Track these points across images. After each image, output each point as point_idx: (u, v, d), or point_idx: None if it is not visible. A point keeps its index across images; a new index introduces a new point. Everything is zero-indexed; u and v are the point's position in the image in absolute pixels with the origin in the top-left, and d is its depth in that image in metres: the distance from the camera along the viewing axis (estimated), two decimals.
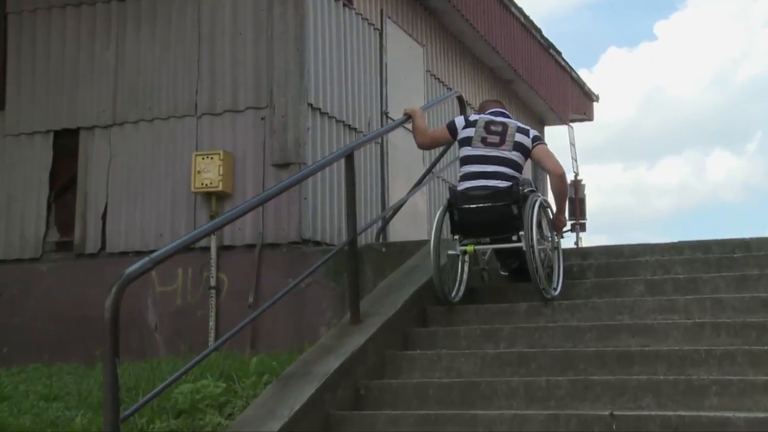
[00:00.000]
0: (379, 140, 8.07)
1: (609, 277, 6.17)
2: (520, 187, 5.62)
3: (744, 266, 6.01)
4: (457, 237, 5.70)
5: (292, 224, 6.80)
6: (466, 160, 5.77)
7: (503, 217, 5.56)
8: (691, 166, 71.72)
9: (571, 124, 14.99)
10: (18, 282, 7.37)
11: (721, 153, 74.61)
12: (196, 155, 6.94)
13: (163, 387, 4.07)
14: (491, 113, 5.95)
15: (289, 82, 6.92)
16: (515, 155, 5.71)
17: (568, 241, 15.71)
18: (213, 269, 6.80)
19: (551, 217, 5.91)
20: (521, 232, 5.49)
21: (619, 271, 6.25)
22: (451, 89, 9.72)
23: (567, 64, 13.79)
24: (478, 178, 5.65)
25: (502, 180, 5.62)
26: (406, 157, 8.57)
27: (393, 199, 7.99)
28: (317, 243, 6.89)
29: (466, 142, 5.79)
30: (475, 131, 5.77)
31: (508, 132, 5.76)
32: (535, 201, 5.57)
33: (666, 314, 5.46)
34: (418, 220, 8.74)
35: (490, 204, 5.55)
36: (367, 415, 4.61)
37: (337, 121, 7.44)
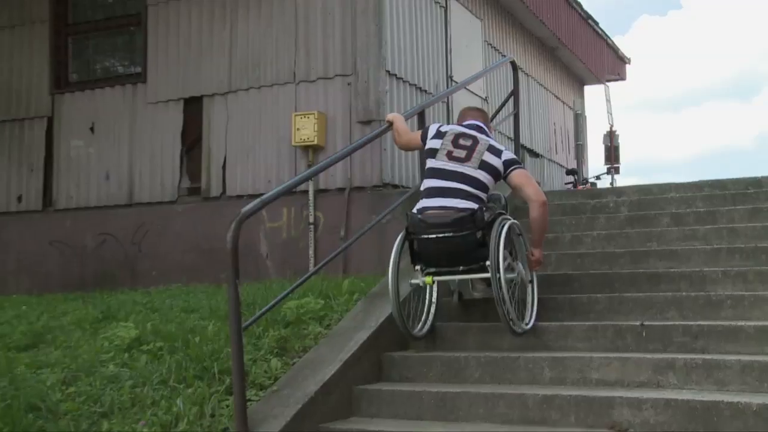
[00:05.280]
0: (446, 100, 7.96)
1: (640, 211, 6.06)
2: (485, 210, 4.26)
3: (756, 200, 5.86)
4: (418, 267, 4.39)
5: (375, 171, 6.76)
6: (427, 173, 4.45)
7: (467, 247, 4.21)
8: (710, 117, 69.83)
9: (606, 83, 14.63)
10: (160, 220, 7.53)
11: (731, 104, 72.82)
12: (296, 115, 6.93)
13: (275, 303, 4.15)
14: (466, 125, 4.60)
15: (370, 52, 6.84)
16: (481, 174, 4.33)
17: (603, 183, 15.32)
18: (311, 209, 6.83)
19: (525, 248, 4.48)
20: (488, 262, 4.12)
21: (648, 206, 6.13)
22: (504, 56, 9.53)
23: (603, 32, 13.41)
24: (437, 196, 4.29)
25: (463, 199, 4.24)
26: None
27: None
28: (395, 186, 6.86)
29: (431, 153, 4.47)
30: (442, 143, 4.45)
31: (477, 148, 4.39)
32: (503, 226, 4.22)
33: (688, 241, 5.36)
34: None
35: (451, 234, 4.19)
36: (439, 326, 4.64)
37: (410, 84, 7.34)
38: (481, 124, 4.63)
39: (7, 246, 8.18)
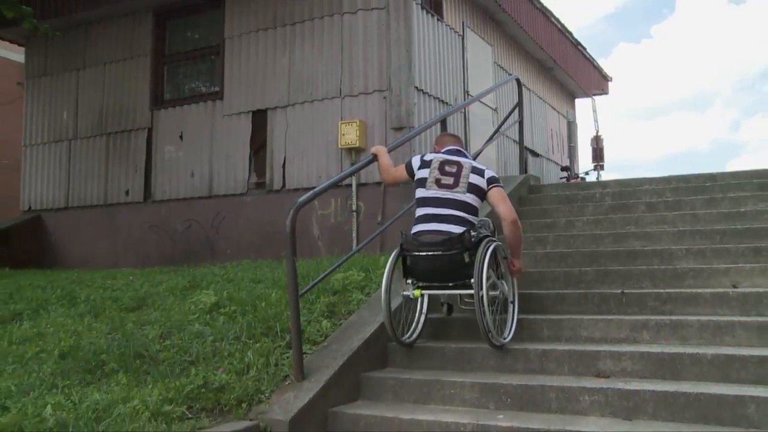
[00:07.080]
0: (463, 110, 7.88)
1: (621, 200, 5.96)
2: (473, 233, 3.76)
3: (712, 192, 5.78)
4: (410, 281, 3.89)
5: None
6: (420, 202, 3.89)
7: (454, 265, 3.69)
8: (675, 125, 69.61)
9: (593, 97, 14.38)
10: (233, 209, 7.59)
11: (691, 115, 72.76)
12: (341, 123, 6.92)
13: (325, 276, 4.15)
14: (447, 152, 4.05)
15: (402, 72, 6.79)
16: (470, 197, 3.82)
17: (591, 177, 15.08)
18: (354, 199, 6.83)
19: (507, 262, 3.98)
20: (472, 279, 3.63)
21: (628, 197, 6.03)
22: (510, 74, 9.40)
23: (590, 55, 13.18)
24: (431, 221, 3.78)
25: (455, 224, 3.73)
26: (481, 121, 8.38)
27: (473, 149, 7.84)
28: None
29: (421, 183, 3.93)
30: (429, 172, 3.91)
31: (462, 173, 3.87)
32: (488, 248, 3.72)
33: (660, 225, 5.27)
34: (490, 165, 8.56)
35: (440, 252, 3.70)
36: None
37: (434, 98, 7.29)
38: (460, 148, 4.11)
39: (118, 230, 8.34)
